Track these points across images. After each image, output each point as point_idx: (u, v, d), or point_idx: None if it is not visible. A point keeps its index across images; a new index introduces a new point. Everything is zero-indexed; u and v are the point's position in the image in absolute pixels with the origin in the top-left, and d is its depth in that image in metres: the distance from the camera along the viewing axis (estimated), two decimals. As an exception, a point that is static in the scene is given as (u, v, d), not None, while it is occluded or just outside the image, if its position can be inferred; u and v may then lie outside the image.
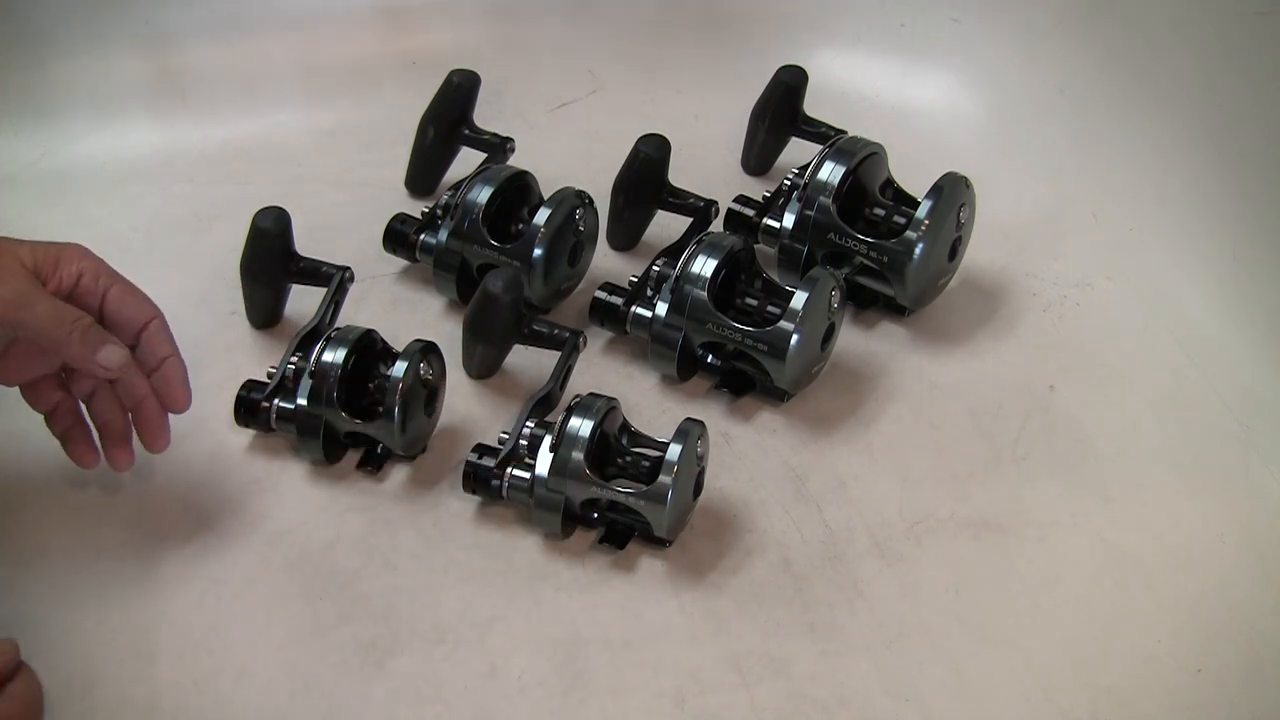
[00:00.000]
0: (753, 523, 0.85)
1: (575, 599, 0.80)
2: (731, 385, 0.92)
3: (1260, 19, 0.95)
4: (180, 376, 0.78)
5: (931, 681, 0.77)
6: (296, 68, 1.15)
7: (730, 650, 0.78)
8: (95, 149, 1.08)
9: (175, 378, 0.78)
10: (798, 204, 0.95)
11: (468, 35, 1.20)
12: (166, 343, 0.78)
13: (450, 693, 0.75)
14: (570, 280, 0.97)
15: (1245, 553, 0.85)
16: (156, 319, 0.78)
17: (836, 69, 1.18)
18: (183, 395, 0.78)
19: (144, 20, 1.12)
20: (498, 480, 0.82)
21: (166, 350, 0.77)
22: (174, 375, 0.78)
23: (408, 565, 0.82)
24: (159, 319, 0.78)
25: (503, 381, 0.93)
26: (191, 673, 0.75)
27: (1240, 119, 0.98)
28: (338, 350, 0.83)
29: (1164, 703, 0.77)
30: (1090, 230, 1.06)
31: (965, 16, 1.18)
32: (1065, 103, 1.12)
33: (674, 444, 0.79)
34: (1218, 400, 0.93)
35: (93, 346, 0.73)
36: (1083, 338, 0.98)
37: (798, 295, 0.86)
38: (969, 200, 0.95)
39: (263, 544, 0.82)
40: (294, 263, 0.92)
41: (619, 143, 0.99)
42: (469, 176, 0.95)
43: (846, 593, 0.81)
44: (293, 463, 0.87)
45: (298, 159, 1.10)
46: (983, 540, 0.85)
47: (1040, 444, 0.91)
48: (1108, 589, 0.82)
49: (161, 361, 0.77)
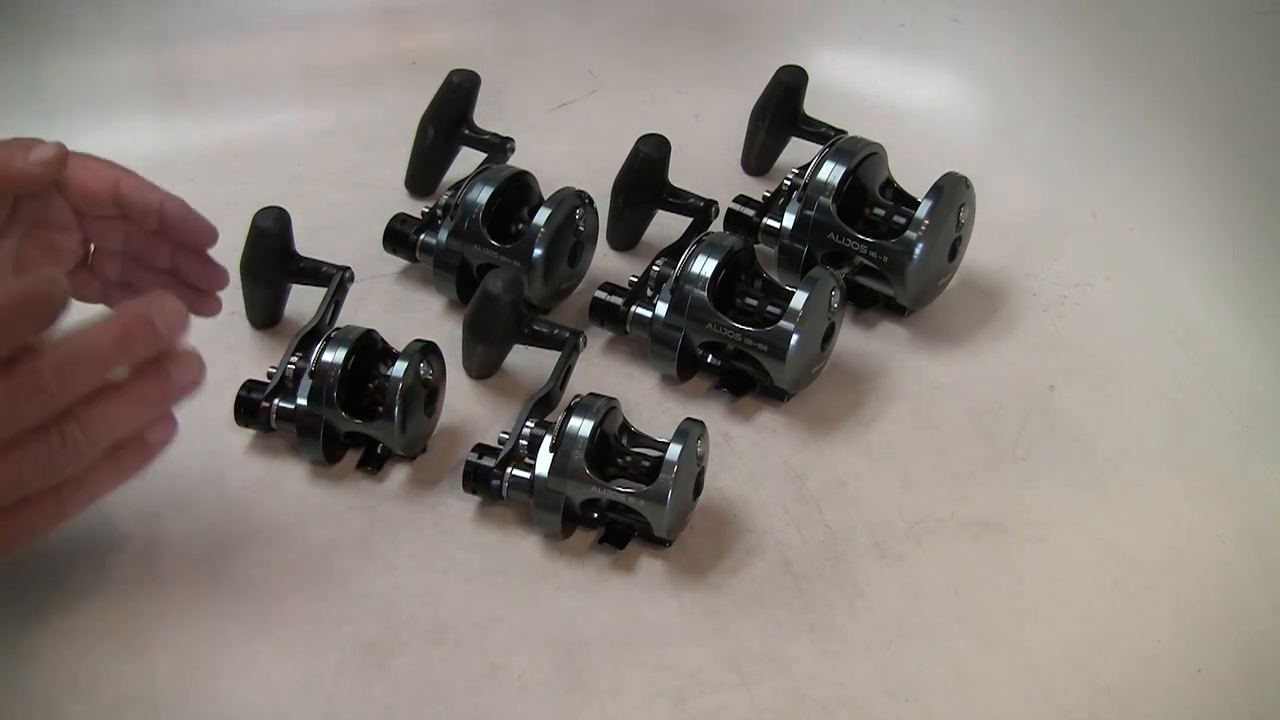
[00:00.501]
0: (753, 523, 0.85)
1: (575, 599, 0.80)
2: (731, 385, 0.92)
3: (1261, 19, 0.95)
4: (184, 210, 0.74)
5: (931, 681, 0.77)
6: (296, 68, 1.15)
7: (730, 650, 0.78)
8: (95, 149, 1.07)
9: (179, 214, 0.74)
10: (798, 204, 0.95)
11: (468, 35, 1.20)
12: (149, 189, 0.74)
13: (450, 693, 0.75)
14: (570, 280, 0.97)
15: (1245, 553, 0.85)
16: (125, 176, 0.74)
17: (836, 69, 1.18)
18: (200, 225, 0.74)
19: (144, 20, 1.12)
20: (498, 480, 0.82)
21: (154, 196, 0.74)
22: (177, 211, 0.74)
23: (408, 565, 0.82)
24: (128, 175, 0.74)
25: (503, 381, 0.93)
26: (191, 673, 0.75)
27: (1241, 119, 0.98)
28: (338, 350, 0.83)
29: (1164, 703, 0.77)
30: (1090, 230, 1.06)
31: (965, 16, 1.18)
32: (1065, 103, 1.12)
33: (674, 444, 0.79)
34: (1218, 400, 0.93)
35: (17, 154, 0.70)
36: (1083, 338, 0.98)
37: (798, 295, 0.86)
38: (969, 200, 0.95)
39: (263, 544, 0.82)
40: (294, 263, 0.92)
41: (619, 143, 0.99)
42: (469, 176, 0.95)
43: (846, 593, 0.81)
44: (293, 463, 0.87)
45: (298, 159, 1.10)
46: (983, 540, 0.85)
47: (1040, 444, 0.91)
48: (1108, 589, 0.82)
49: (158, 207, 0.74)
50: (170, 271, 0.80)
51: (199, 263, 0.79)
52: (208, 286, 0.81)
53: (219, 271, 0.80)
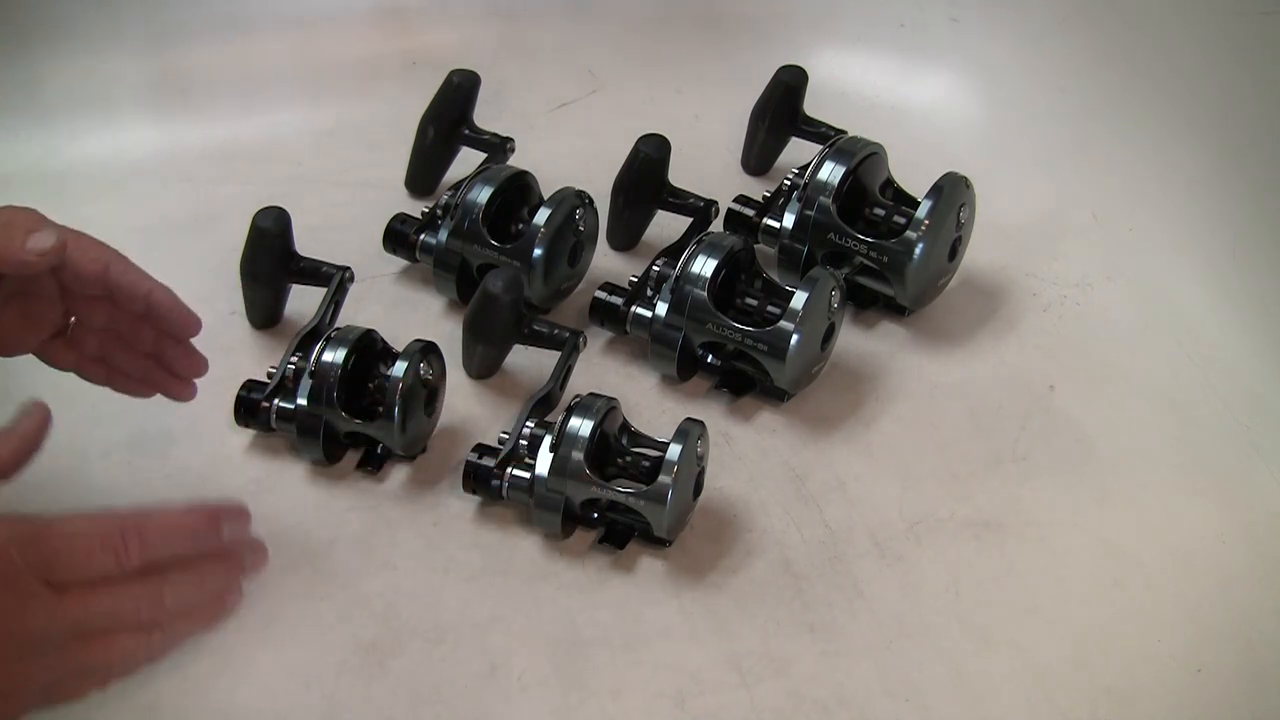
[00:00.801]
0: (753, 523, 0.85)
1: (575, 599, 0.80)
2: (731, 385, 0.92)
3: (1261, 19, 0.95)
4: (172, 300, 0.74)
5: (931, 681, 0.77)
6: (296, 68, 1.15)
7: (730, 650, 0.78)
8: (95, 149, 1.08)
9: (166, 303, 0.74)
10: (798, 204, 0.95)
11: (468, 35, 1.20)
12: (140, 277, 0.74)
13: (450, 693, 0.75)
14: (570, 280, 0.97)
15: (1245, 553, 0.85)
16: (116, 260, 0.74)
17: (836, 69, 1.18)
18: (186, 317, 0.75)
19: (144, 20, 1.12)
20: (498, 480, 0.82)
21: (144, 284, 0.74)
22: (164, 301, 0.74)
23: (408, 565, 0.82)
24: (119, 259, 0.74)
25: (503, 381, 0.93)
26: (191, 673, 0.75)
27: (1241, 119, 0.98)
28: (338, 350, 0.83)
29: (1164, 703, 0.77)
30: (1090, 230, 1.06)
31: (965, 16, 1.18)
32: (1065, 102, 1.12)
33: (674, 444, 0.79)
34: (1218, 400, 0.93)
35: (17, 238, 0.68)
36: (1083, 338, 0.98)
37: (798, 295, 0.86)
38: (969, 200, 0.95)
39: (263, 544, 0.82)
40: (294, 263, 0.92)
41: (619, 143, 0.99)
42: (469, 176, 0.95)
43: (846, 593, 0.81)
44: (293, 463, 0.87)
45: (298, 159, 1.10)
46: (983, 540, 0.85)
47: (1040, 444, 0.91)
48: (1107, 589, 0.82)
49: (146, 296, 0.74)
50: (151, 355, 0.79)
51: (182, 351, 0.78)
52: (187, 374, 0.79)
53: (199, 360, 0.79)
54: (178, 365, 0.78)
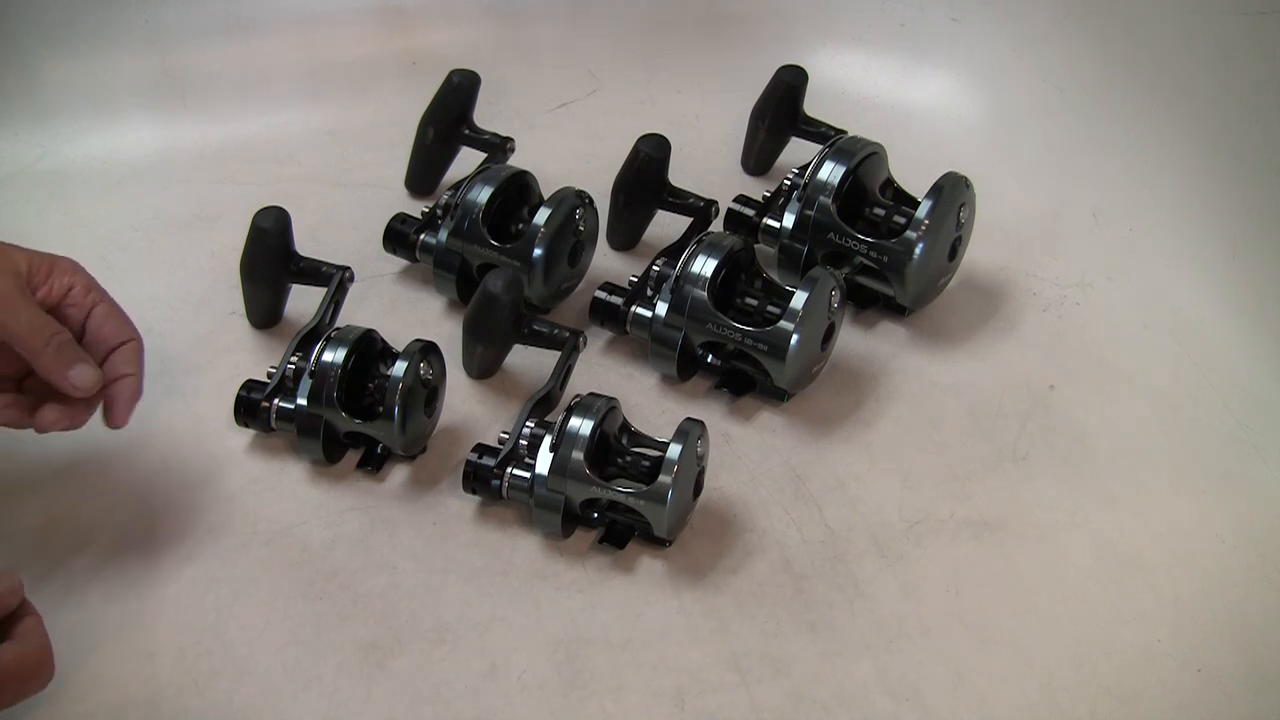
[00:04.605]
0: (753, 523, 0.85)
1: (575, 599, 0.80)
2: (731, 385, 0.92)
3: (1259, 19, 0.95)
4: (128, 397, 0.77)
5: (931, 681, 0.77)
6: (296, 68, 1.15)
7: (730, 650, 0.78)
8: (95, 149, 1.08)
9: (123, 396, 0.77)
10: (798, 204, 0.95)
11: (468, 35, 1.20)
12: (132, 363, 0.78)
13: (450, 693, 0.75)
14: (570, 280, 0.97)
15: (1245, 553, 0.85)
16: (133, 341, 0.78)
17: (836, 69, 1.18)
18: (123, 415, 0.77)
19: (144, 20, 1.12)
20: (498, 480, 0.82)
21: (129, 369, 0.77)
22: (123, 393, 0.77)
23: (408, 565, 0.82)
24: (135, 342, 0.78)
25: (503, 381, 0.93)
26: (191, 673, 0.75)
27: (1240, 119, 0.98)
28: (338, 350, 0.83)
29: (1164, 703, 0.77)
30: (1090, 230, 1.06)
31: (965, 16, 1.18)
32: (1065, 103, 1.12)
33: (674, 444, 0.79)
34: (1218, 400, 0.93)
35: (66, 363, 0.74)
36: (1083, 338, 0.98)
37: (798, 295, 0.86)
38: (969, 200, 0.95)
39: (263, 544, 0.82)
40: (294, 263, 0.92)
41: (619, 143, 0.99)
42: (469, 176, 0.95)
43: (846, 593, 0.81)
44: (293, 463, 0.87)
45: (298, 159, 1.10)
46: (983, 540, 0.85)
47: (1040, 444, 0.91)
48: (1108, 589, 0.82)
49: (119, 378, 0.77)
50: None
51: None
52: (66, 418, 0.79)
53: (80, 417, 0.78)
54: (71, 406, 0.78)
